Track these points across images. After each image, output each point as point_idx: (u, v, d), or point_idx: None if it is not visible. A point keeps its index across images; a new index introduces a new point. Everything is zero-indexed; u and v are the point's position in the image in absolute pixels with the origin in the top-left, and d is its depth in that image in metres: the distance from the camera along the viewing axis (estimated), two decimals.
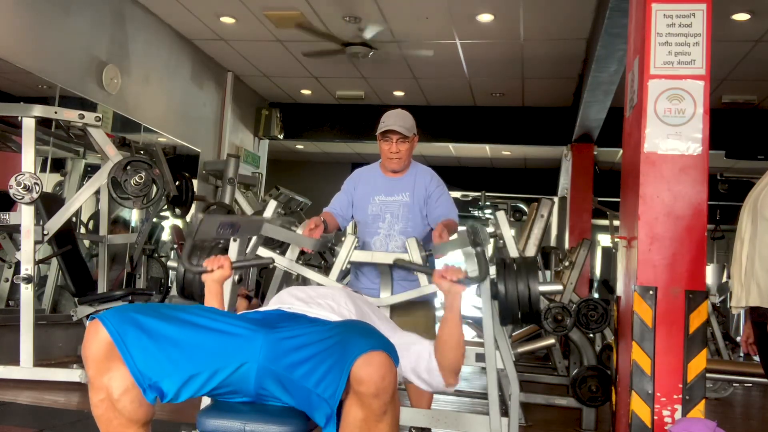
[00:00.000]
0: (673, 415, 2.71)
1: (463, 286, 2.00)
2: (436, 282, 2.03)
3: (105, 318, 1.59)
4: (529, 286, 2.54)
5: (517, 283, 2.55)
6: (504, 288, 2.56)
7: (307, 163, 12.53)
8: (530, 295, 2.54)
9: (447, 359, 1.97)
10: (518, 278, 2.56)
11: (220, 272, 2.11)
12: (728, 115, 7.96)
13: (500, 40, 6.75)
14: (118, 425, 1.62)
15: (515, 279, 2.56)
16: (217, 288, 2.13)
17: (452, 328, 1.97)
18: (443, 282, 1.99)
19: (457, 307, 1.99)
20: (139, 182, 4.28)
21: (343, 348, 1.55)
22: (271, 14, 6.42)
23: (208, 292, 2.13)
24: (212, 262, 2.11)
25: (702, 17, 2.88)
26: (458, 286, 1.99)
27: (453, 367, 1.98)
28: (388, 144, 2.98)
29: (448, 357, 1.97)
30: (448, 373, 1.98)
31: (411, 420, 2.77)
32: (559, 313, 4.11)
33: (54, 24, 5.43)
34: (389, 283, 2.90)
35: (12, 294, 4.99)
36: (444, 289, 2.00)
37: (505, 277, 2.58)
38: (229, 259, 2.14)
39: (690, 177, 2.81)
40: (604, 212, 7.33)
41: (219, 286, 2.13)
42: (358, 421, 1.53)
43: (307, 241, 2.74)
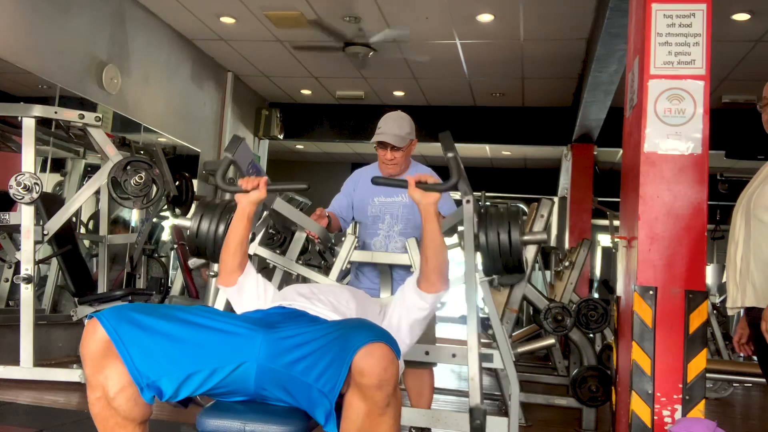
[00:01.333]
0: (673, 415, 2.71)
1: (436, 193, 2.04)
2: (410, 193, 2.05)
3: (102, 317, 1.59)
4: (511, 235, 2.49)
5: (498, 232, 2.49)
6: (485, 238, 2.51)
7: (307, 163, 12.53)
8: (512, 243, 2.49)
9: (431, 264, 2.01)
10: (500, 227, 2.49)
11: (256, 193, 2.11)
12: (728, 115, 7.97)
13: (500, 40, 6.75)
14: (114, 424, 1.62)
15: (496, 228, 2.50)
16: (251, 209, 2.12)
17: (432, 234, 2.03)
18: (416, 192, 2.03)
19: (432, 214, 2.04)
20: (139, 182, 4.28)
21: (344, 341, 1.55)
22: (271, 14, 6.42)
23: (241, 212, 2.12)
24: (248, 182, 2.12)
25: (702, 17, 2.88)
26: (431, 194, 2.03)
27: (438, 270, 2.02)
28: (383, 151, 2.98)
29: (432, 262, 2.01)
30: (436, 279, 2.02)
31: (411, 420, 2.77)
32: (559, 313, 4.11)
33: (54, 24, 5.43)
34: (389, 283, 2.90)
35: (12, 294, 4.99)
36: (417, 198, 2.04)
37: (487, 226, 2.51)
38: (264, 180, 2.13)
39: (690, 177, 2.81)
40: (604, 212, 7.32)
41: (252, 208, 2.13)
42: (361, 415, 1.53)
43: (314, 225, 2.74)
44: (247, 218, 2.12)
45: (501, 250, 2.48)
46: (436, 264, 2.02)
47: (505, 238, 2.48)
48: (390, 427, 1.56)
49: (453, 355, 2.78)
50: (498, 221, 2.51)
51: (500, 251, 2.48)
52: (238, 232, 2.12)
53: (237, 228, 2.12)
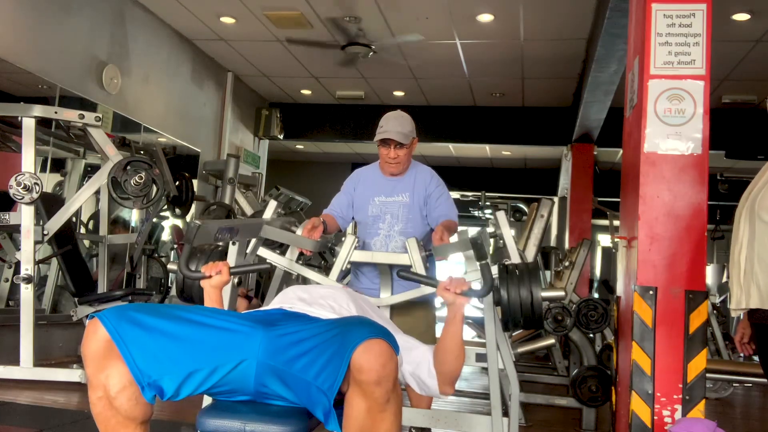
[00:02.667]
0: (673, 415, 2.71)
1: (467, 298, 2.01)
2: (440, 294, 2.04)
3: (104, 316, 1.59)
4: (532, 293, 2.55)
5: (519, 289, 2.56)
6: (507, 294, 2.57)
7: (307, 163, 12.54)
8: (533, 301, 2.55)
9: (445, 369, 2.00)
10: (521, 284, 2.57)
11: (219, 278, 2.09)
12: (728, 115, 7.96)
13: (500, 40, 6.75)
14: (116, 423, 1.62)
15: (518, 285, 2.57)
16: (216, 294, 2.11)
17: (453, 339, 1.99)
18: (447, 294, 2.00)
19: (459, 319, 2.01)
20: (139, 182, 4.28)
21: (342, 338, 1.55)
22: (271, 14, 6.42)
23: (207, 297, 2.11)
24: (210, 268, 2.10)
25: (702, 17, 2.88)
26: (462, 298, 2.00)
27: (451, 376, 2.01)
28: (386, 149, 2.98)
29: (446, 367, 2.00)
30: (445, 382, 2.01)
31: (411, 420, 2.77)
32: (559, 313, 4.11)
33: (54, 24, 5.43)
34: (389, 283, 2.90)
35: (12, 294, 4.99)
36: (448, 301, 2.02)
37: (508, 284, 2.59)
38: (227, 264, 2.12)
39: (690, 177, 2.81)
40: (604, 212, 7.33)
41: (218, 292, 2.11)
42: (362, 412, 1.53)
43: (307, 242, 2.73)
44: (215, 302, 2.11)
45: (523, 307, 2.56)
46: (452, 369, 2.00)
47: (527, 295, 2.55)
48: (391, 424, 1.56)
49: None
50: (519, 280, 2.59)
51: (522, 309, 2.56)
52: None
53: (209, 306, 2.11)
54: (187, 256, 2.20)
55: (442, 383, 2.01)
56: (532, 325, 2.67)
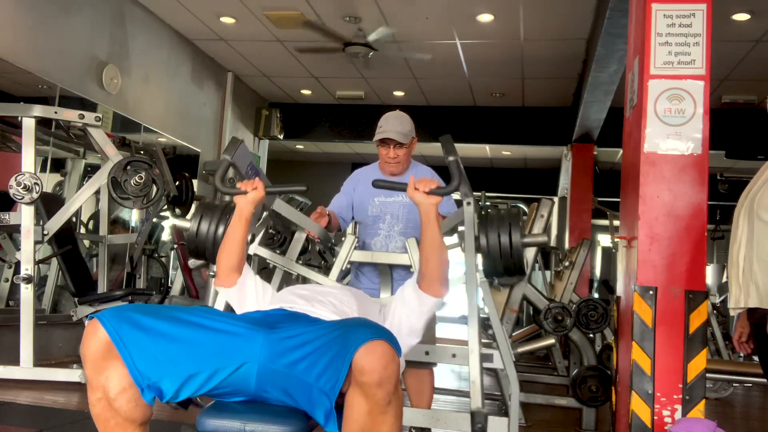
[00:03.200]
0: (673, 415, 2.71)
1: (436, 197, 2.03)
2: (410, 195, 2.05)
3: (103, 317, 1.59)
4: (511, 237, 2.50)
5: (499, 234, 2.50)
6: (486, 240, 2.51)
7: (307, 163, 12.53)
8: (512, 245, 2.49)
9: (431, 268, 2.01)
10: (500, 229, 2.50)
11: (254, 193, 2.13)
12: (728, 115, 7.96)
13: (500, 40, 6.75)
14: (115, 425, 1.62)
15: (497, 230, 2.50)
16: (249, 210, 2.14)
17: (432, 238, 2.02)
18: (417, 194, 2.03)
19: (433, 218, 2.03)
20: (139, 182, 4.27)
21: (344, 340, 1.55)
22: (271, 14, 6.42)
23: (239, 213, 2.14)
24: (246, 184, 2.14)
25: (702, 17, 2.88)
26: (432, 197, 2.02)
27: (438, 274, 2.02)
28: (385, 149, 2.98)
29: (431, 266, 2.01)
30: (435, 282, 2.01)
31: (411, 420, 2.77)
32: (559, 313, 4.11)
33: (54, 24, 5.43)
34: (389, 283, 2.90)
35: (12, 294, 4.99)
36: (417, 200, 2.04)
37: (487, 229, 2.52)
38: (262, 182, 2.15)
39: (690, 177, 2.81)
40: (604, 212, 7.32)
41: (251, 209, 2.14)
42: (363, 413, 1.52)
43: (314, 225, 2.74)
44: (245, 220, 2.13)
45: (502, 252, 2.49)
46: (436, 266, 2.01)
47: (506, 240, 2.48)
48: (392, 425, 1.55)
49: (453, 355, 2.78)
50: (499, 223, 2.51)
51: (501, 253, 2.49)
52: (236, 233, 2.13)
53: (235, 229, 2.14)
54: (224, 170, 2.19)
55: (433, 283, 2.01)
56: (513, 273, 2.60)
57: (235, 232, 2.13)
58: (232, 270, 2.12)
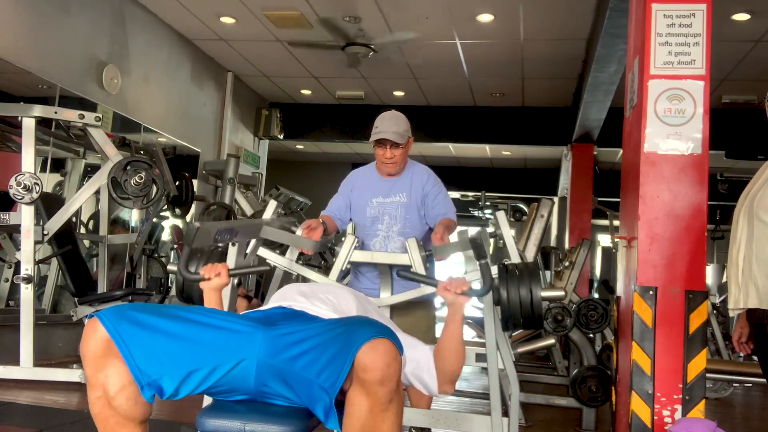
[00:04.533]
0: (673, 415, 2.71)
1: (467, 297, 2.03)
2: (440, 294, 2.05)
3: (103, 316, 1.59)
4: (532, 292, 2.55)
5: (519, 289, 2.56)
6: (506, 294, 2.57)
7: (307, 163, 12.53)
8: (533, 301, 2.55)
9: (446, 368, 2.01)
10: (520, 284, 2.57)
11: (218, 280, 2.08)
12: (728, 115, 7.96)
13: (500, 40, 6.75)
14: (115, 423, 1.62)
15: (517, 285, 2.57)
16: (216, 296, 2.10)
17: (453, 338, 2.02)
18: (448, 294, 2.02)
19: (459, 318, 2.03)
20: (139, 182, 4.28)
21: (347, 337, 1.55)
22: (271, 14, 6.42)
23: (207, 300, 2.11)
24: (209, 270, 2.09)
25: (702, 17, 2.88)
26: (462, 298, 2.02)
27: (451, 375, 2.03)
28: (382, 150, 2.97)
29: (447, 366, 2.01)
30: (445, 381, 2.02)
31: (411, 420, 2.77)
32: (559, 313, 4.11)
33: (54, 24, 5.43)
34: (389, 283, 2.90)
35: (12, 294, 4.99)
36: (449, 301, 2.04)
37: (508, 284, 2.58)
38: (226, 266, 2.12)
39: (690, 177, 2.81)
40: (604, 212, 7.32)
41: (218, 294, 2.10)
42: (364, 411, 1.53)
43: (306, 242, 2.73)
44: (215, 304, 2.10)
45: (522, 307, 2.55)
46: (452, 368, 2.02)
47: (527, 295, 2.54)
48: (392, 423, 1.56)
49: None
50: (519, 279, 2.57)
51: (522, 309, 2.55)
52: None
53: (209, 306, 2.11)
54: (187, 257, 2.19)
55: (443, 382, 2.02)
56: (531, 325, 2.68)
57: None
58: None
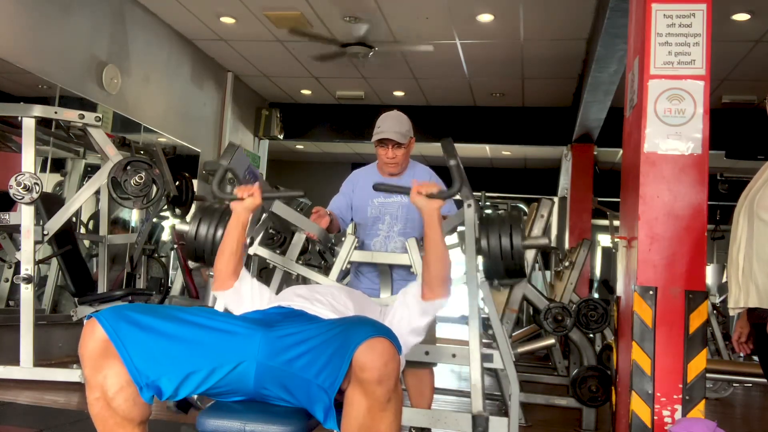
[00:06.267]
0: (673, 415, 2.71)
1: (438, 200, 2.04)
2: (413, 200, 2.07)
3: (101, 317, 1.59)
4: (512, 240, 2.50)
5: (500, 236, 2.51)
6: (487, 243, 2.52)
7: (307, 163, 12.53)
8: (513, 248, 2.50)
9: (433, 272, 2.02)
10: (501, 232, 2.51)
11: (251, 200, 2.13)
12: (728, 115, 7.96)
13: (500, 40, 6.75)
14: (114, 424, 1.62)
15: (498, 233, 2.51)
16: (246, 216, 2.14)
17: (434, 242, 2.03)
18: (419, 198, 2.04)
19: (435, 222, 2.04)
20: (139, 182, 4.27)
21: (345, 337, 1.55)
22: (271, 14, 6.42)
23: (236, 219, 2.14)
24: (243, 190, 2.14)
25: (702, 17, 2.88)
26: (434, 201, 2.04)
27: (441, 277, 2.03)
28: (384, 150, 2.97)
29: (432, 269, 2.02)
30: (437, 286, 2.02)
31: (411, 420, 2.77)
32: (559, 313, 4.11)
33: (54, 24, 5.43)
34: (389, 283, 2.90)
35: (12, 294, 4.99)
36: (420, 205, 2.05)
37: (488, 232, 2.53)
38: (259, 188, 2.15)
39: (690, 177, 2.81)
40: (604, 212, 7.32)
41: (247, 215, 2.15)
42: (362, 411, 1.53)
43: (313, 226, 2.74)
44: (242, 226, 2.14)
45: (503, 254, 2.50)
46: (438, 271, 2.02)
47: (507, 242, 2.49)
48: (391, 423, 1.55)
49: (453, 355, 2.78)
50: (500, 225, 2.52)
51: (502, 255, 2.50)
52: (233, 239, 2.13)
53: (232, 235, 2.14)
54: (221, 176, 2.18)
55: (435, 287, 2.02)
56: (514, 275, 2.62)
57: (232, 238, 2.13)
58: (229, 275, 2.12)
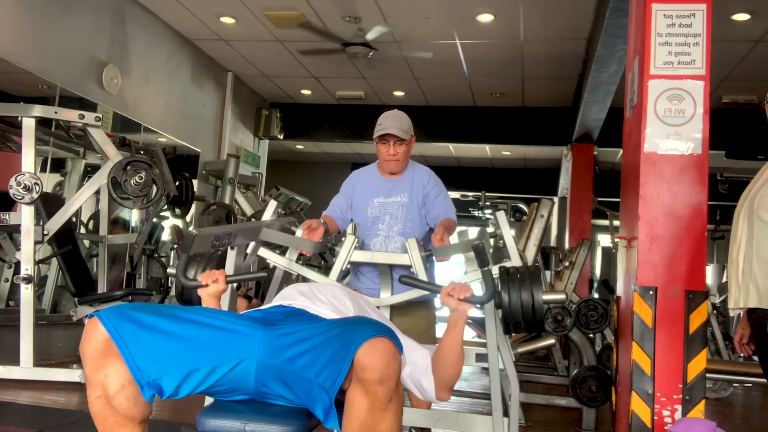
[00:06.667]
0: (673, 415, 2.71)
1: (469, 304, 2.00)
2: (443, 300, 2.03)
3: (103, 315, 1.59)
4: (533, 296, 2.54)
5: (521, 293, 2.54)
6: (507, 297, 2.56)
7: (307, 163, 12.53)
8: (534, 304, 2.53)
9: (444, 373, 1.99)
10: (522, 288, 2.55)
11: (215, 287, 2.07)
12: (728, 115, 7.96)
13: (500, 40, 6.75)
14: (114, 423, 1.62)
15: (519, 289, 2.55)
16: (214, 302, 2.09)
17: (454, 345, 1.99)
18: (450, 300, 2.00)
19: (461, 325, 2.01)
20: (139, 182, 4.28)
21: (346, 337, 1.55)
22: (271, 14, 6.42)
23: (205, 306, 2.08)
24: (207, 277, 2.08)
25: (702, 17, 2.88)
26: (465, 305, 2.00)
27: (448, 382, 2.00)
28: (385, 147, 2.98)
29: (445, 371, 1.99)
30: (443, 386, 2.00)
31: (411, 420, 2.77)
32: (559, 313, 4.11)
33: (54, 24, 5.43)
34: (389, 283, 2.90)
35: (12, 294, 4.99)
36: (451, 307, 2.01)
37: (509, 287, 2.57)
38: (223, 273, 2.11)
39: (690, 177, 2.81)
40: (604, 212, 7.33)
41: (215, 301, 2.10)
42: (363, 410, 1.53)
43: (306, 243, 2.73)
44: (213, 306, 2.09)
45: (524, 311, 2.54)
46: (450, 375, 2.00)
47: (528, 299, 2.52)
48: (392, 423, 1.55)
49: None
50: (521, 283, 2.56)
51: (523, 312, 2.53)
52: None
53: None
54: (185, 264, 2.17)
55: (440, 388, 1.99)
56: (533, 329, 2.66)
57: None
58: None
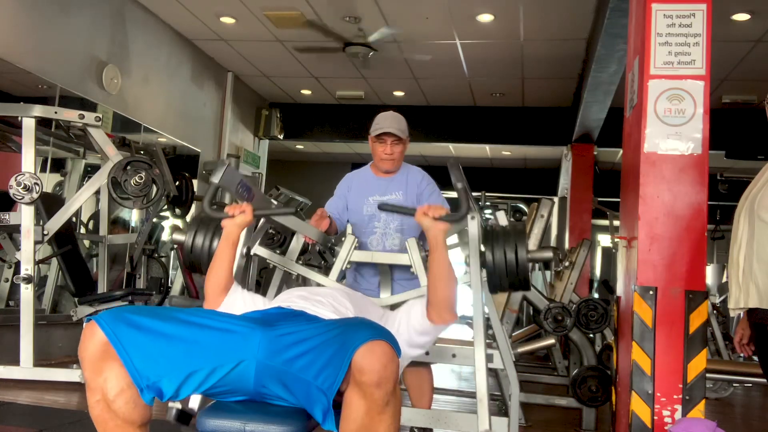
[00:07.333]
0: (673, 415, 2.71)
1: (445, 223, 2.04)
2: (418, 220, 2.06)
3: (100, 319, 1.59)
4: (517, 253, 2.50)
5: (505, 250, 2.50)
6: (491, 255, 2.51)
7: (307, 163, 12.53)
8: (518, 261, 2.50)
9: (439, 295, 2.01)
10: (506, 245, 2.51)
11: (242, 217, 2.12)
12: (728, 115, 7.96)
13: (500, 40, 6.75)
14: (114, 426, 1.62)
15: (503, 246, 2.51)
16: (236, 234, 2.13)
17: (440, 264, 2.02)
18: (425, 219, 2.03)
19: (441, 244, 2.04)
20: (139, 182, 4.28)
21: (344, 339, 1.55)
22: (271, 14, 6.42)
23: (226, 238, 2.12)
24: (234, 209, 2.13)
25: (702, 17, 2.88)
26: (440, 223, 2.03)
27: (447, 301, 2.02)
28: (382, 146, 3.01)
29: (439, 293, 2.01)
30: (442, 308, 2.01)
31: (411, 420, 2.77)
32: (559, 313, 4.11)
33: (54, 24, 5.43)
34: (389, 283, 2.90)
35: (12, 294, 4.99)
36: (426, 226, 2.04)
37: (493, 244, 2.52)
38: (250, 205, 2.15)
39: (690, 177, 2.81)
40: (604, 212, 7.33)
41: (238, 233, 2.14)
42: (361, 413, 1.53)
43: (312, 230, 2.74)
44: (233, 243, 2.13)
45: (508, 268, 2.49)
46: (446, 294, 2.01)
47: (512, 256, 2.48)
48: (389, 426, 1.55)
49: (453, 355, 2.78)
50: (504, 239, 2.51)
51: (507, 269, 2.49)
52: (224, 256, 2.12)
53: (223, 252, 2.13)
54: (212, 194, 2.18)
55: (441, 311, 2.01)
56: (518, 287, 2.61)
57: (222, 255, 2.12)
58: (220, 291, 2.11)
